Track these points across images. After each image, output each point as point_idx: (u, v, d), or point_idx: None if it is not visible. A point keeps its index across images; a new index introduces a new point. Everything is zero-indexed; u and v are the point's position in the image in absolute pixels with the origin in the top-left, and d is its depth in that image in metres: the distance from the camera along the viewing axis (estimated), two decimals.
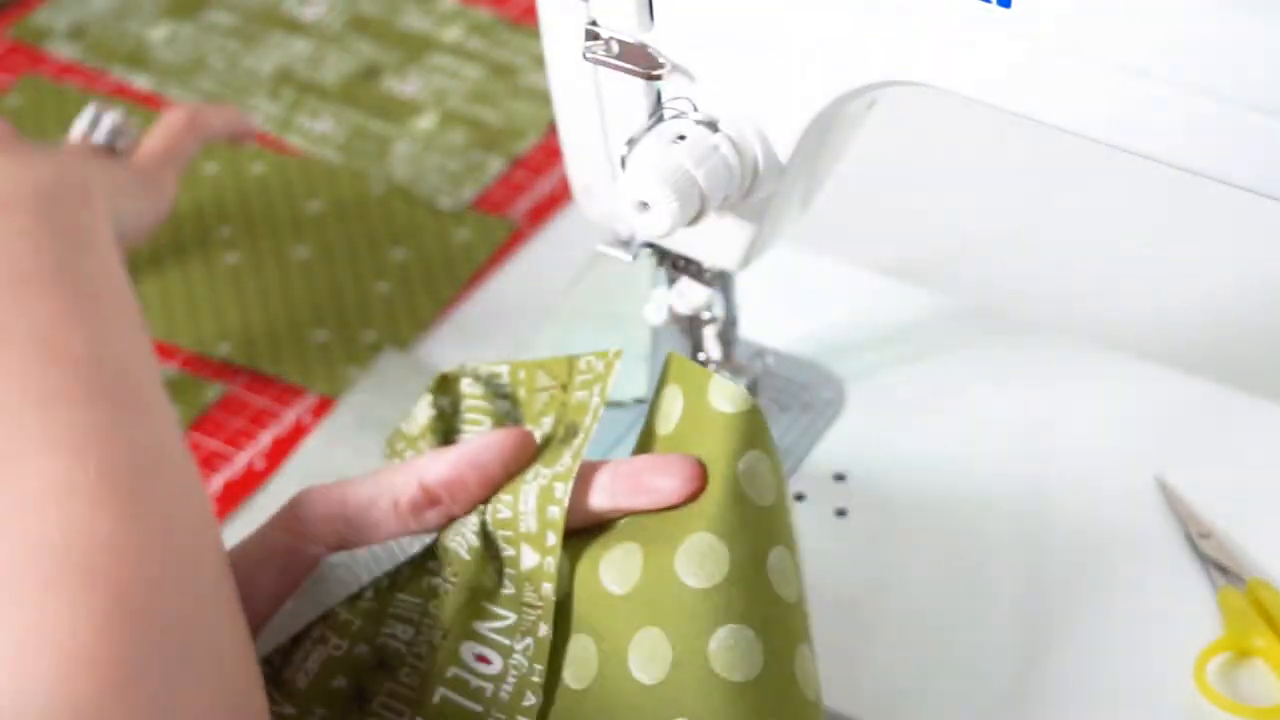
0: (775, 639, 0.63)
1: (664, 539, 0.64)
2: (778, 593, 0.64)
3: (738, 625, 0.63)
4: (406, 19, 1.16)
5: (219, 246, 1.02)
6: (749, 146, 0.72)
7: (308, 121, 1.09)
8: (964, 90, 0.67)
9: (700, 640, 0.63)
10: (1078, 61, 0.63)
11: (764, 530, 0.65)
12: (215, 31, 1.16)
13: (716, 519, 0.64)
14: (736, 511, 0.64)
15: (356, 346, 0.96)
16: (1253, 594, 0.78)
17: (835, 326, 0.91)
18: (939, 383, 0.88)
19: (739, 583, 0.63)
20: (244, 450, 0.91)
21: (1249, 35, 0.60)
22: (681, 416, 0.67)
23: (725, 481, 0.65)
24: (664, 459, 0.66)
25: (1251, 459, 0.84)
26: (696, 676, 0.63)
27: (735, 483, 0.65)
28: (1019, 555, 0.81)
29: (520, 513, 0.66)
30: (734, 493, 0.64)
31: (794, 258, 0.91)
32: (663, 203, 0.70)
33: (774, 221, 0.77)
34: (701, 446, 0.66)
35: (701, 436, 0.66)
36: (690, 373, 0.67)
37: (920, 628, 0.79)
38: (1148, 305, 0.95)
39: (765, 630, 0.63)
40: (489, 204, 1.04)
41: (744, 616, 0.63)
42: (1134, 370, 0.88)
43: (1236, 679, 0.76)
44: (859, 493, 0.84)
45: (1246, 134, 0.61)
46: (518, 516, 0.66)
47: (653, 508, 0.65)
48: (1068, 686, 0.76)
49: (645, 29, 0.72)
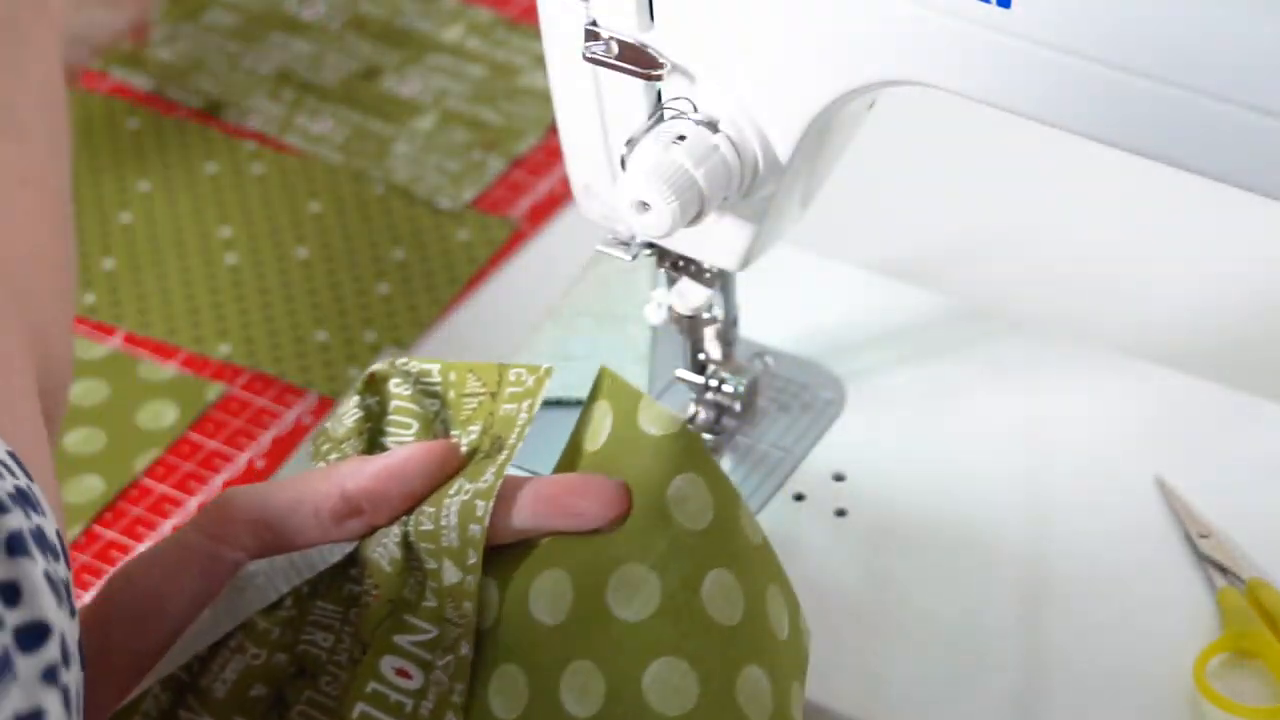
0: (712, 667, 0.63)
1: (594, 568, 0.64)
2: (714, 619, 0.63)
3: (671, 658, 0.62)
4: (406, 19, 1.16)
5: (219, 246, 1.02)
6: (749, 146, 0.72)
7: (308, 121, 1.09)
8: (964, 90, 0.67)
9: (634, 672, 0.62)
10: (1078, 61, 0.63)
11: (699, 555, 0.64)
12: (215, 31, 1.15)
13: (647, 549, 0.63)
14: (666, 539, 0.64)
15: (356, 346, 0.96)
16: (1252, 594, 0.78)
17: (835, 326, 0.91)
18: (939, 383, 0.88)
19: (671, 613, 0.63)
20: (244, 450, 0.91)
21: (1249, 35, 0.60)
22: (610, 436, 0.66)
23: (654, 508, 0.64)
24: (587, 480, 0.65)
25: (1251, 459, 0.84)
26: (632, 710, 0.62)
27: (664, 509, 0.64)
28: (1018, 555, 0.81)
29: (442, 527, 0.64)
30: (663, 520, 0.64)
31: (794, 258, 0.91)
32: (663, 203, 0.70)
33: (774, 221, 0.77)
34: (630, 470, 0.65)
35: (630, 459, 0.65)
36: (621, 391, 0.66)
37: (920, 628, 0.79)
38: (1148, 305, 0.95)
39: (700, 660, 0.63)
40: (489, 204, 1.04)
41: (677, 648, 0.63)
42: (1134, 370, 0.88)
43: (1236, 679, 0.76)
44: (859, 493, 0.84)
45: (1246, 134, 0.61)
46: (439, 530, 0.64)
47: (575, 531, 0.64)
48: (1067, 686, 0.76)
49: (645, 29, 0.72)
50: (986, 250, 0.99)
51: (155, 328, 0.97)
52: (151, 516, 0.88)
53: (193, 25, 1.16)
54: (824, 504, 0.83)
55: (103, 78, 1.12)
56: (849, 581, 0.80)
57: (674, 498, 0.64)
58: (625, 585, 0.63)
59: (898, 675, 0.77)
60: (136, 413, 0.93)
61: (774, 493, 0.84)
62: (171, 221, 1.03)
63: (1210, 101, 0.61)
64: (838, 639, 0.77)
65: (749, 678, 0.63)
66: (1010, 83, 0.65)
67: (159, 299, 0.99)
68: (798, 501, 0.84)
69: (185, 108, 1.10)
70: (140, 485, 0.90)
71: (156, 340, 0.96)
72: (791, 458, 0.85)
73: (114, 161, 1.07)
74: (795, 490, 0.84)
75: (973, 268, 0.98)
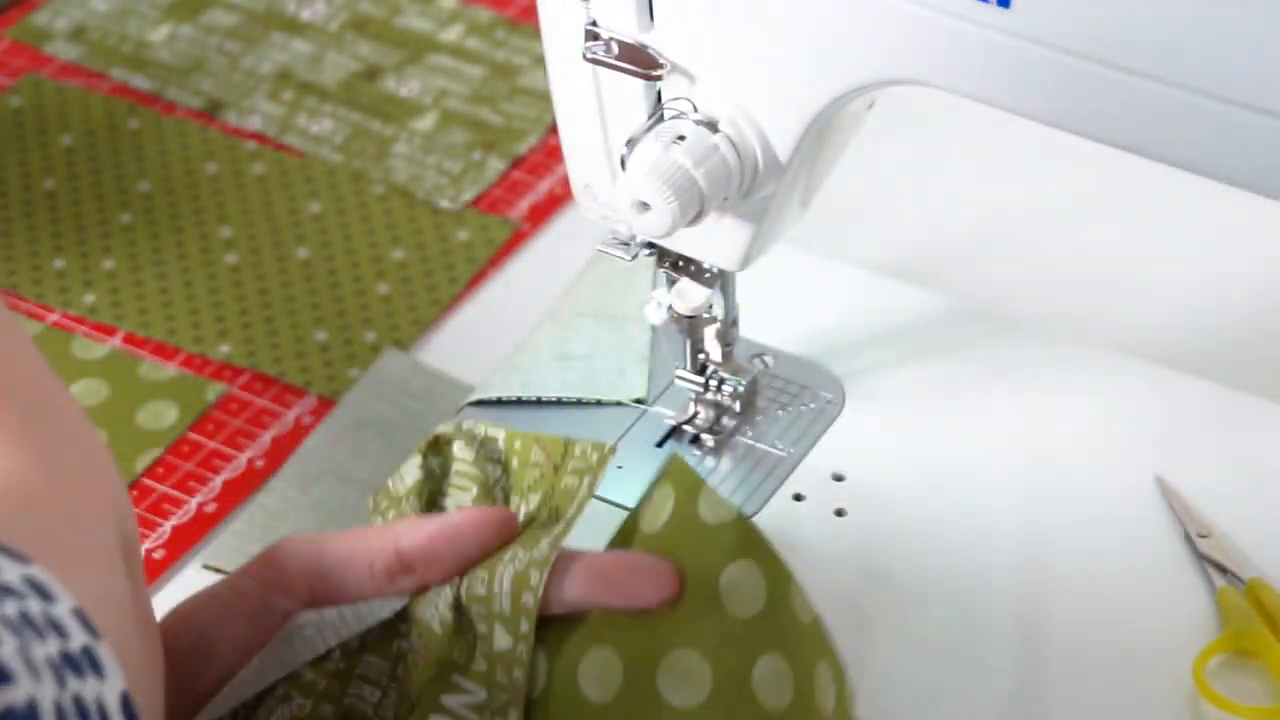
0: None
1: (645, 650, 0.64)
2: (764, 704, 0.63)
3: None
4: (406, 19, 1.16)
5: (219, 246, 1.02)
6: (749, 146, 0.72)
7: (308, 121, 1.09)
8: (964, 90, 0.67)
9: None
10: (1077, 61, 0.63)
11: (751, 642, 0.64)
12: (215, 32, 1.16)
13: (699, 635, 0.64)
14: (719, 627, 0.64)
15: (356, 346, 0.96)
16: (1252, 594, 0.78)
17: (835, 326, 0.91)
18: (939, 383, 0.88)
19: (721, 700, 0.63)
20: (244, 450, 0.91)
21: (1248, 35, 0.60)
22: (668, 521, 0.66)
23: (708, 595, 0.64)
24: (642, 560, 0.65)
25: (1251, 459, 0.84)
26: None
27: (717, 596, 0.64)
28: (1018, 555, 0.81)
29: (494, 593, 0.65)
30: (716, 607, 0.64)
31: (794, 258, 0.91)
32: (663, 203, 0.70)
33: (774, 221, 0.77)
34: (685, 555, 0.65)
35: (686, 544, 0.65)
36: (685, 477, 0.66)
37: (920, 628, 0.79)
38: (1148, 305, 0.95)
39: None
40: (489, 204, 1.04)
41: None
42: (1134, 370, 0.88)
43: (1235, 679, 0.76)
44: (859, 493, 0.84)
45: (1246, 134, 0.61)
46: (492, 596, 0.65)
47: (625, 609, 0.65)
48: (1067, 686, 0.76)
49: (645, 29, 0.72)
50: (986, 250, 0.99)
51: (155, 328, 0.97)
52: (152, 517, 0.88)
53: (192, 25, 1.16)
54: (823, 504, 0.83)
55: (103, 78, 1.12)
56: (849, 581, 0.80)
57: (727, 585, 0.64)
58: (677, 670, 0.64)
59: (898, 675, 0.77)
60: (136, 413, 0.93)
61: (773, 493, 0.84)
62: (171, 221, 1.03)
63: (1210, 102, 0.61)
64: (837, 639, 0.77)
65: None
66: (1010, 83, 0.65)
67: (159, 299, 0.99)
68: (797, 502, 0.84)
69: (185, 108, 1.10)
70: (140, 485, 0.90)
71: (156, 340, 0.96)
72: (791, 458, 0.85)
73: (114, 161, 1.07)
74: (794, 490, 0.84)
75: (973, 268, 0.98)
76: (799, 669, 0.64)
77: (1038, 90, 0.64)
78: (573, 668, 0.65)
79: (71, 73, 1.13)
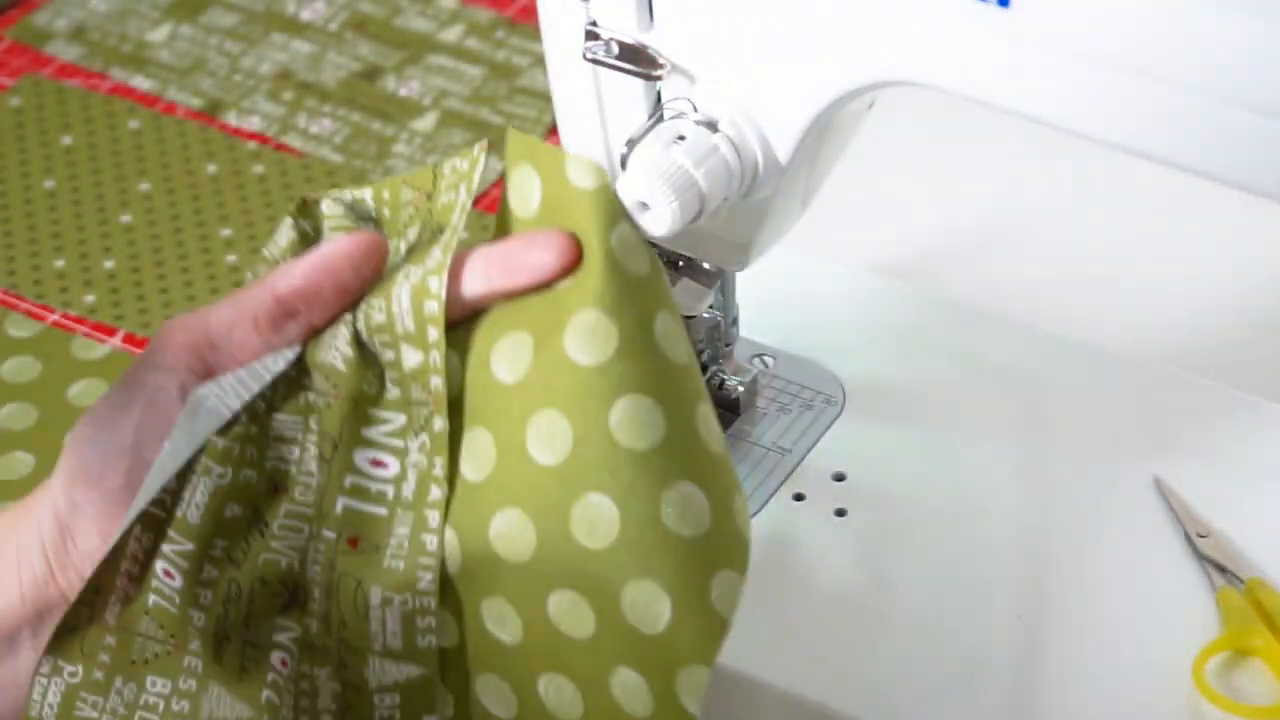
0: (673, 403, 0.64)
1: (550, 322, 0.64)
2: (669, 358, 0.64)
3: (635, 395, 0.63)
4: (406, 19, 1.16)
5: (219, 246, 1.02)
6: (749, 146, 0.72)
7: (308, 121, 1.09)
8: (964, 90, 0.67)
9: (600, 415, 0.63)
10: (1077, 61, 0.63)
11: (646, 298, 0.64)
12: (215, 32, 1.16)
13: (599, 293, 0.64)
14: (617, 284, 0.64)
15: None
16: (1251, 594, 0.78)
17: (835, 326, 0.91)
18: (939, 383, 0.88)
19: (630, 354, 0.63)
20: None
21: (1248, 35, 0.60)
22: (542, 197, 0.65)
23: (601, 256, 0.64)
24: (535, 235, 0.65)
25: (1250, 459, 0.84)
26: (601, 451, 0.63)
27: (610, 255, 0.64)
28: (1018, 555, 0.81)
29: (394, 314, 0.65)
30: (611, 265, 0.64)
31: (794, 258, 0.91)
32: (663, 203, 0.70)
33: (774, 221, 0.77)
34: (570, 224, 0.65)
35: (567, 214, 0.65)
36: (542, 152, 0.65)
37: (920, 627, 0.79)
38: (1147, 305, 0.95)
39: (662, 396, 0.63)
40: (489, 204, 1.04)
41: (639, 386, 0.63)
42: (1133, 370, 0.88)
43: (1235, 678, 0.76)
44: (859, 493, 0.84)
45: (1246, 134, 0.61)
46: (393, 318, 0.65)
47: (530, 286, 0.65)
48: (1067, 686, 0.76)
49: (645, 29, 0.72)
50: (986, 250, 0.99)
51: (155, 328, 0.97)
52: None
53: (192, 25, 1.16)
54: (824, 504, 0.83)
55: (103, 78, 1.12)
56: (848, 581, 0.80)
57: (618, 245, 0.64)
58: (583, 331, 0.63)
59: (898, 675, 0.77)
60: None
61: (774, 493, 0.84)
62: (171, 221, 1.03)
63: (1210, 101, 0.61)
64: (838, 639, 0.77)
65: (703, 413, 0.65)
66: (1010, 83, 0.65)
67: (159, 299, 0.99)
68: (797, 501, 0.84)
69: (185, 108, 1.10)
70: None
71: None
72: (791, 458, 0.85)
73: (114, 161, 1.07)
74: (795, 490, 0.84)
75: (973, 268, 0.98)
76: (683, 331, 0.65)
77: (1037, 90, 0.64)
78: (484, 359, 0.65)
79: (71, 73, 1.13)
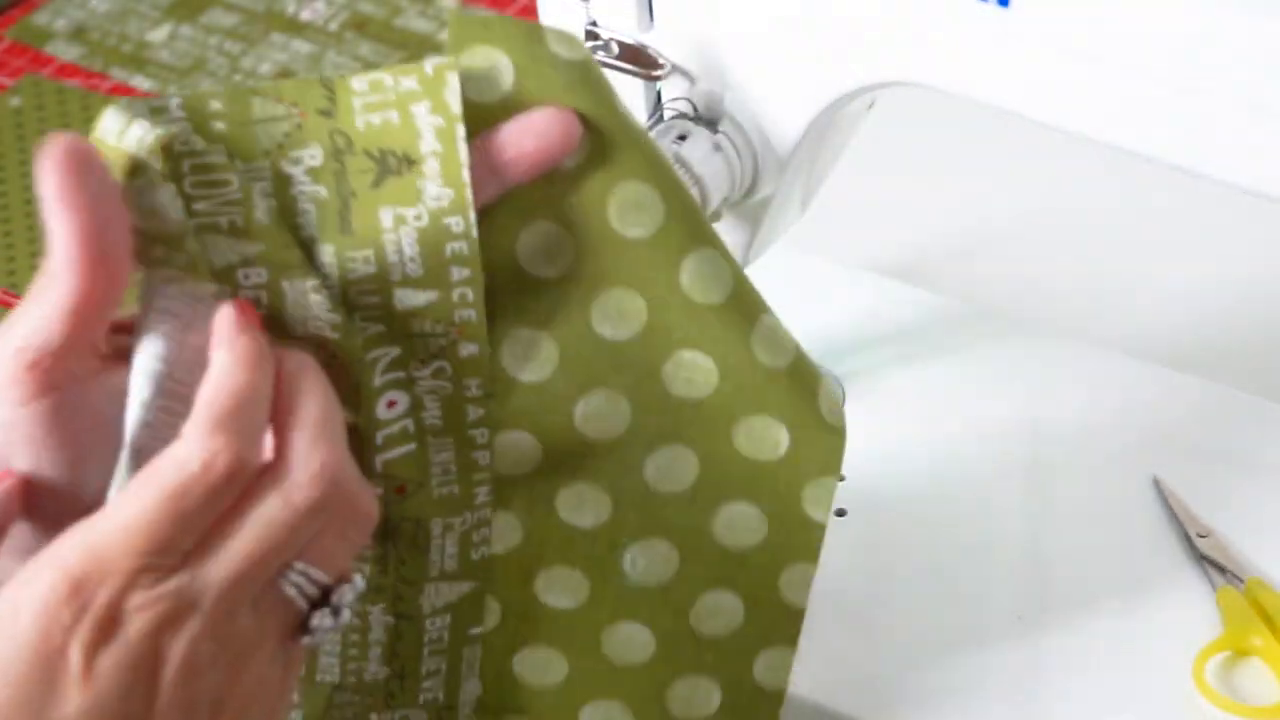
0: (722, 247, 0.63)
1: (583, 204, 0.60)
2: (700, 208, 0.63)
3: (699, 249, 0.62)
4: (406, 19, 1.16)
5: None
6: (749, 146, 0.72)
7: None
8: (964, 90, 0.67)
9: (671, 278, 0.62)
10: (1077, 61, 0.63)
11: (660, 156, 0.62)
12: (215, 32, 1.16)
13: (633, 165, 0.60)
14: (640, 149, 0.61)
15: None
16: (1251, 594, 0.78)
17: (835, 326, 0.91)
18: (939, 383, 0.88)
19: (678, 216, 0.62)
20: None
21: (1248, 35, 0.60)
22: (516, 77, 0.58)
23: (618, 127, 0.60)
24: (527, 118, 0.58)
25: (1250, 459, 0.84)
26: (681, 312, 0.63)
27: (625, 125, 0.60)
28: (1018, 555, 0.81)
29: (390, 263, 0.58)
30: (630, 132, 0.60)
31: (794, 258, 0.91)
32: None
33: (774, 221, 0.77)
34: (561, 99, 0.59)
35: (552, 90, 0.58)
36: (507, 27, 0.58)
37: (920, 628, 0.79)
38: (1147, 305, 0.96)
39: (717, 243, 0.63)
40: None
41: (699, 239, 0.62)
42: (1132, 370, 0.88)
43: (1235, 678, 0.76)
44: (859, 493, 0.84)
45: (1245, 134, 0.61)
46: (387, 267, 0.58)
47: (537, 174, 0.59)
48: (1067, 686, 0.76)
49: (645, 29, 0.72)
50: (986, 250, 0.99)
51: None
52: None
53: (192, 25, 1.16)
54: None
55: (103, 78, 1.12)
56: (849, 581, 0.80)
57: (626, 114, 0.61)
58: (629, 205, 0.61)
59: (898, 675, 0.77)
60: None
61: None
62: None
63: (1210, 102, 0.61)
64: (838, 639, 0.77)
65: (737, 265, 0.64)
66: (1010, 83, 0.65)
67: None
68: None
69: None
70: None
71: None
72: None
73: None
74: None
75: (973, 268, 0.98)
76: None
77: (1037, 90, 0.64)
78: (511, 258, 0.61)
79: (71, 73, 1.13)
